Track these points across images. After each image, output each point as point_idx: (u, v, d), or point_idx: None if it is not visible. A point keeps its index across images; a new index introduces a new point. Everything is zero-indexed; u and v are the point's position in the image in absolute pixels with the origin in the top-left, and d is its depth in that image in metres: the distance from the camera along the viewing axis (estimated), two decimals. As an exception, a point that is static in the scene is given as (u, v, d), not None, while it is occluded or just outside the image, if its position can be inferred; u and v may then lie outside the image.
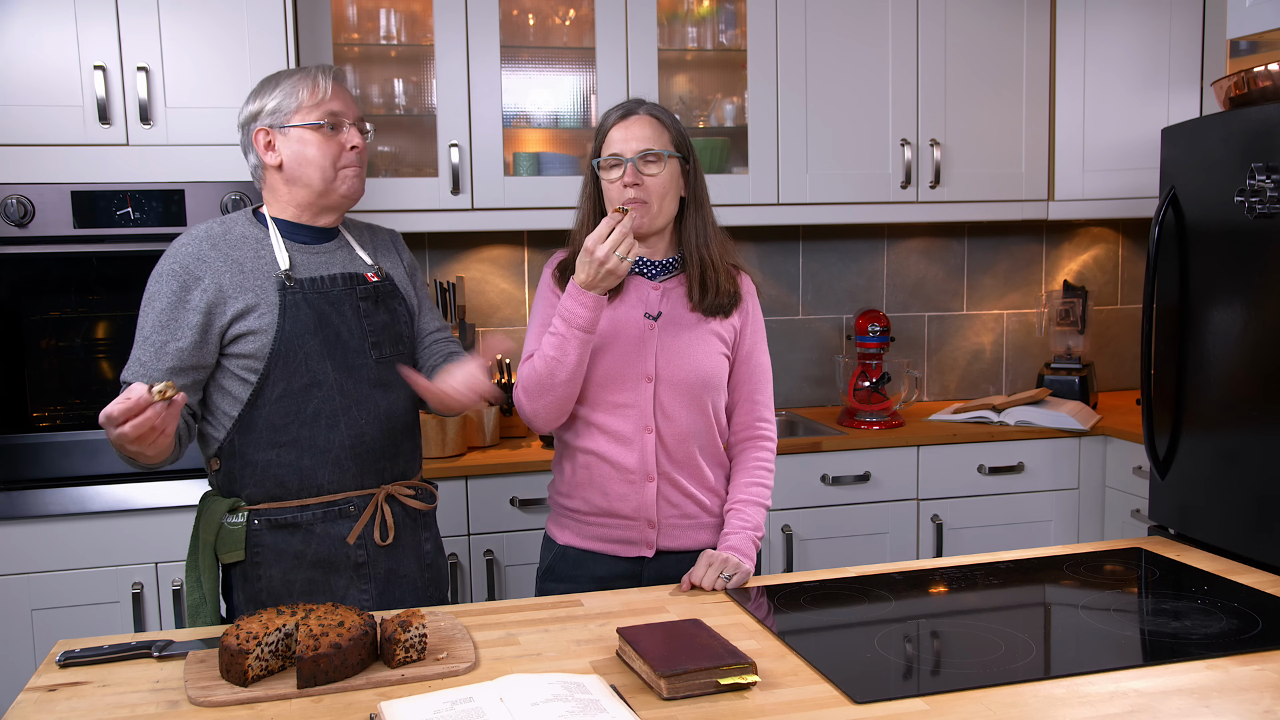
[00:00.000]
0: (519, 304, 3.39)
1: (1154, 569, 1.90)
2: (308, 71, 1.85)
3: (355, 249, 1.95)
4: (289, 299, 1.80)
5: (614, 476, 1.92)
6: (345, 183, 1.85)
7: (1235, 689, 1.37)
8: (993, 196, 3.36)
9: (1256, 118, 2.31)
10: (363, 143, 1.87)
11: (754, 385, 2.00)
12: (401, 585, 1.90)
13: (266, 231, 1.86)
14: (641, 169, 1.87)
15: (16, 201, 2.50)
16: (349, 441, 1.83)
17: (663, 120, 1.92)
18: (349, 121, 1.85)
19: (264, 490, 1.81)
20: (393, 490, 1.89)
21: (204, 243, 1.81)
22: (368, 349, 1.87)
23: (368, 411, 1.85)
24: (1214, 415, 2.45)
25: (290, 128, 1.82)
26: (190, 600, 1.83)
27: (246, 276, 1.79)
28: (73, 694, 1.41)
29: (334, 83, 1.85)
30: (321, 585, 1.82)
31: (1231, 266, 2.38)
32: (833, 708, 1.34)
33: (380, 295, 1.91)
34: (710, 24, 3.27)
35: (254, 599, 1.81)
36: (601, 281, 1.77)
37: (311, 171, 1.83)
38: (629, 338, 1.91)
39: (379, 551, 1.86)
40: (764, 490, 1.97)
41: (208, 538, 1.82)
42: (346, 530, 1.83)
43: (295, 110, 1.82)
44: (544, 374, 1.84)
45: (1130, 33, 3.28)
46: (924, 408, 3.58)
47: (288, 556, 1.81)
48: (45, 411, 2.63)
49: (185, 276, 1.77)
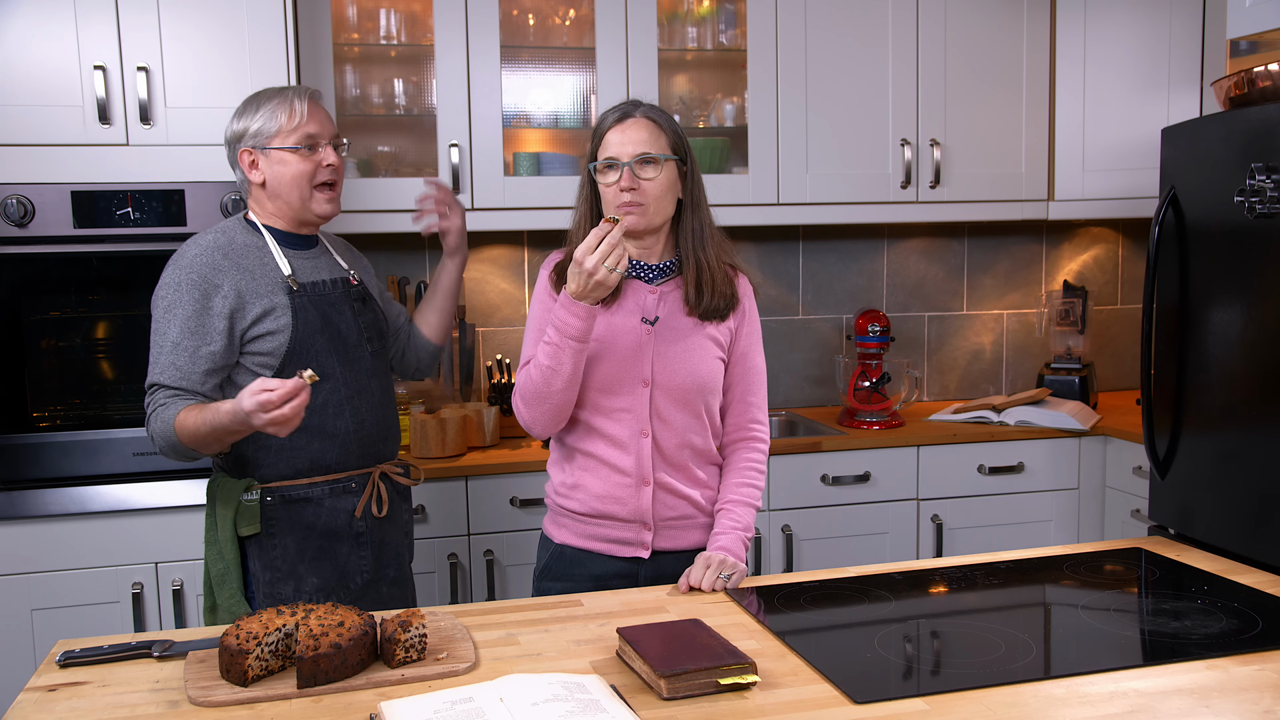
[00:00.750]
0: (519, 304, 3.39)
1: (1154, 569, 1.90)
2: (285, 96, 2.01)
3: (334, 255, 2.14)
4: (298, 302, 1.98)
5: (610, 480, 1.92)
6: (320, 205, 2.03)
7: (1235, 689, 1.37)
8: (993, 196, 3.36)
9: (1256, 118, 2.31)
10: (338, 159, 2.03)
11: (747, 387, 2.00)
12: (389, 551, 2.12)
13: (263, 239, 2.02)
14: (638, 173, 1.86)
15: (16, 201, 2.50)
16: (353, 427, 2.04)
17: (659, 123, 1.91)
18: (324, 141, 2.01)
19: (277, 470, 2.00)
20: (385, 469, 2.11)
21: (215, 253, 1.96)
22: (364, 344, 2.08)
23: (367, 400, 2.07)
24: (1214, 415, 2.45)
25: (271, 149, 1.99)
26: (215, 570, 2.00)
27: (259, 282, 1.96)
28: (73, 694, 1.41)
29: (309, 104, 2.01)
30: (328, 552, 2.03)
31: (1231, 266, 2.38)
32: (833, 708, 1.34)
33: (364, 296, 2.13)
34: (710, 24, 3.27)
35: (270, 566, 2.00)
36: (591, 292, 1.76)
37: (290, 190, 2.00)
38: (626, 343, 1.90)
39: (375, 522, 2.09)
40: (754, 491, 1.98)
41: (226, 513, 1.98)
42: (348, 504, 2.04)
43: (275, 134, 1.98)
44: (540, 383, 1.85)
45: (1130, 33, 3.28)
46: (924, 408, 3.58)
47: (300, 527, 2.01)
48: (45, 411, 2.63)
49: (205, 285, 1.92)
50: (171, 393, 1.89)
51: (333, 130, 2.04)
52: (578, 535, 1.97)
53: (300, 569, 2.00)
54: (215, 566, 1.99)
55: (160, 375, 1.90)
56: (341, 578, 2.04)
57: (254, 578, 2.00)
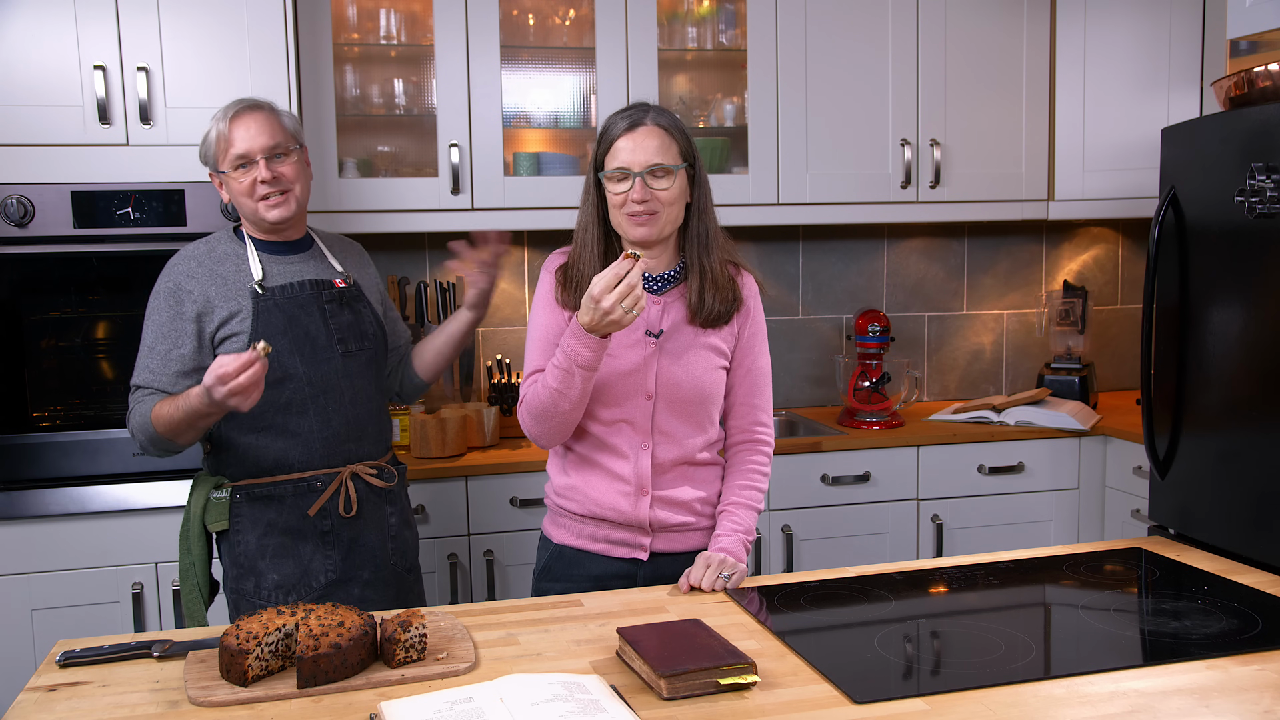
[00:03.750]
0: (519, 304, 3.39)
1: (1154, 569, 1.90)
2: (217, 121, 2.06)
3: (328, 257, 2.19)
4: (260, 305, 2.05)
5: (610, 488, 1.92)
6: (268, 212, 2.06)
7: (1235, 689, 1.37)
8: (993, 196, 3.36)
9: (1256, 118, 2.31)
10: (270, 172, 2.03)
11: (751, 389, 1.99)
12: (362, 553, 2.12)
13: (244, 247, 2.11)
14: (651, 183, 1.84)
15: (16, 201, 2.50)
16: (316, 426, 2.07)
17: (670, 130, 1.87)
18: (257, 156, 2.03)
19: (243, 469, 2.07)
20: (357, 469, 2.12)
21: (192, 261, 2.08)
22: (334, 345, 2.11)
23: (334, 400, 2.09)
24: (1214, 415, 2.45)
25: (220, 173, 2.08)
26: (182, 565, 2.10)
27: (229, 288, 2.05)
28: (73, 694, 1.41)
29: (233, 125, 2.04)
30: (290, 550, 2.07)
31: (1231, 266, 2.38)
32: (833, 708, 1.34)
33: (346, 298, 2.15)
34: (710, 24, 3.27)
35: (236, 562, 2.07)
36: (604, 328, 1.73)
37: (241, 205, 2.08)
38: (630, 357, 1.89)
39: (343, 522, 2.09)
40: (757, 494, 1.97)
41: (195, 509, 2.08)
42: (312, 503, 2.07)
43: (216, 159, 2.07)
44: (548, 403, 1.84)
45: (1130, 33, 3.28)
46: (924, 408, 3.58)
47: (262, 524, 2.06)
48: (45, 411, 2.63)
49: (178, 292, 2.04)
50: (149, 393, 2.00)
51: (267, 141, 2.03)
52: (577, 536, 1.97)
53: (260, 565, 2.05)
54: (183, 561, 2.10)
55: (138, 377, 2.02)
56: (303, 576, 2.06)
57: (226, 573, 2.09)
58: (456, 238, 2.30)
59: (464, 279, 2.32)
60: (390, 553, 2.17)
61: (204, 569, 2.10)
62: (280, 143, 2.06)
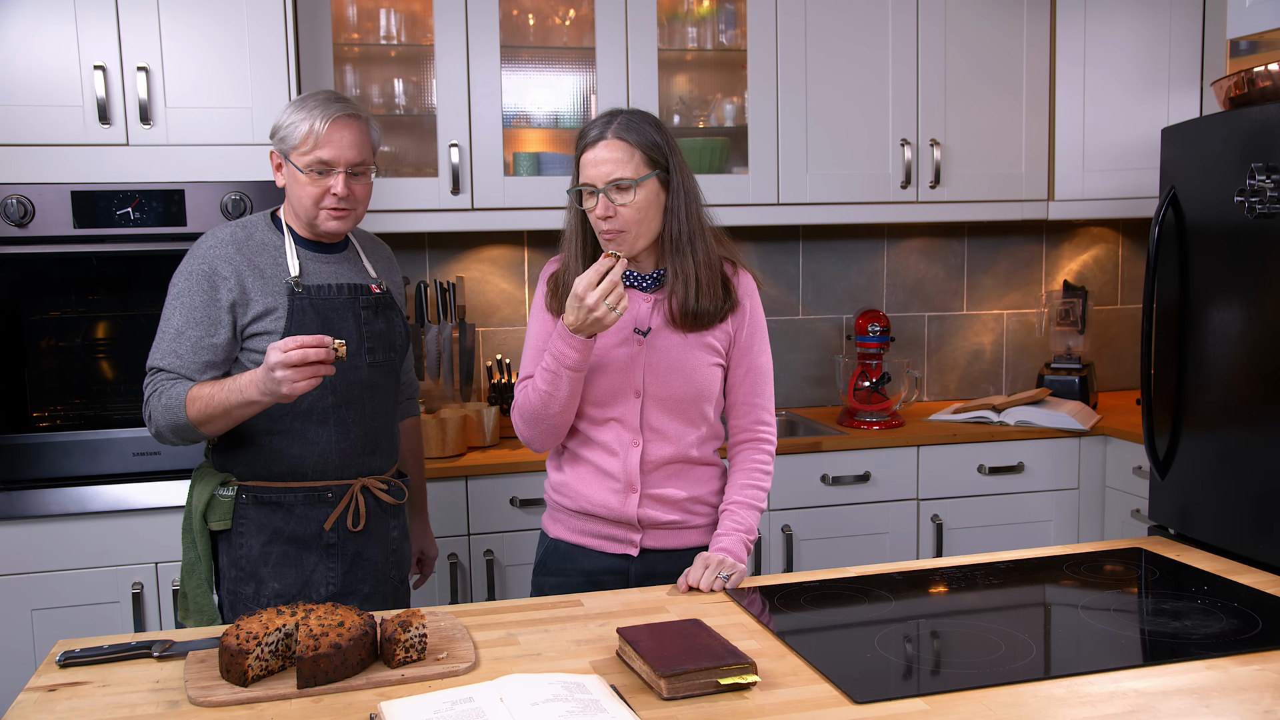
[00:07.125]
0: (519, 304, 3.39)
1: (1154, 569, 1.90)
2: (312, 113, 1.94)
3: (363, 260, 2.12)
4: (296, 304, 1.96)
5: (600, 485, 1.93)
6: (326, 223, 1.98)
7: (1235, 689, 1.37)
8: (993, 196, 3.36)
9: (1256, 118, 2.31)
10: (346, 189, 1.95)
11: (752, 387, 1.98)
12: (364, 566, 2.06)
13: (282, 238, 2.01)
14: (613, 198, 1.82)
15: (16, 201, 2.50)
16: (335, 436, 2.01)
17: (630, 140, 1.82)
18: (339, 168, 1.94)
19: (254, 470, 2.00)
20: (368, 483, 2.06)
21: (229, 245, 1.97)
22: (363, 354, 2.03)
23: (356, 411, 2.03)
24: (1214, 415, 2.45)
25: (288, 160, 1.96)
26: (186, 559, 2.03)
27: (266, 281, 1.96)
28: (73, 694, 1.41)
29: (331, 127, 1.92)
30: (294, 560, 2.00)
31: (1231, 266, 2.38)
32: (833, 708, 1.34)
33: (380, 306, 2.08)
34: (710, 24, 3.27)
35: (235, 564, 2.00)
36: (589, 327, 1.75)
37: (299, 204, 1.98)
38: (618, 355, 1.89)
39: (349, 535, 2.03)
40: (759, 493, 1.97)
41: (198, 504, 2.00)
42: (322, 514, 2.00)
43: (294, 147, 1.95)
44: (538, 406, 1.86)
45: (1130, 33, 3.28)
46: (924, 408, 3.58)
47: (268, 530, 1.99)
48: (45, 411, 2.63)
49: (213, 277, 1.93)
50: (171, 377, 1.91)
51: (355, 157, 1.95)
52: (570, 530, 1.98)
53: (262, 572, 1.98)
54: (188, 555, 2.03)
55: (160, 360, 1.92)
56: (304, 586, 1.99)
57: (223, 573, 2.02)
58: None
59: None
60: (390, 566, 2.12)
61: (209, 563, 2.02)
62: (365, 160, 1.98)
